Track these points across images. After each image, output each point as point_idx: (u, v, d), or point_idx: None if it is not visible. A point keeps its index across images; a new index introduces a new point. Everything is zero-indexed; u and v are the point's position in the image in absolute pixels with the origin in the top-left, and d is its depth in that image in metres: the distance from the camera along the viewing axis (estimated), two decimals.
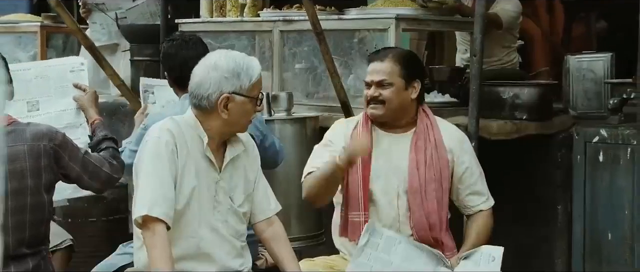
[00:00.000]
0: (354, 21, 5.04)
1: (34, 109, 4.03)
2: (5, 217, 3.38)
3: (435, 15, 5.09)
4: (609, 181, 4.63)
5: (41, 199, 3.48)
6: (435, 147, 3.74)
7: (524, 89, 4.89)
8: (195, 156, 3.29)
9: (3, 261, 3.37)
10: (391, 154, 3.75)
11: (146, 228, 3.17)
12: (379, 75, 3.73)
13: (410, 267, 3.56)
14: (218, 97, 3.24)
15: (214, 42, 5.51)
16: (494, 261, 3.58)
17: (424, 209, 3.69)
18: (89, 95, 4.05)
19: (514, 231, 5.04)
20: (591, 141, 4.74)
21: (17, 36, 7.52)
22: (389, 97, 3.71)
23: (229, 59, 3.28)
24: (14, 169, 3.40)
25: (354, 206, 3.71)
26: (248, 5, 5.55)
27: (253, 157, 3.48)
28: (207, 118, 3.29)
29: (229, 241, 3.37)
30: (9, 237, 3.39)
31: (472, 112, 4.55)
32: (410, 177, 3.69)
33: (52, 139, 3.49)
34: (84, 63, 4.18)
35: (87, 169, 3.57)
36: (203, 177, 3.30)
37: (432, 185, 3.70)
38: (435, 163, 3.72)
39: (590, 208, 4.75)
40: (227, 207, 3.36)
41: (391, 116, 3.76)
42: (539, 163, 5.01)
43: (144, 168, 3.23)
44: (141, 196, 3.19)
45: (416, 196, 3.69)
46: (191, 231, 3.29)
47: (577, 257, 4.82)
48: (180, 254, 3.26)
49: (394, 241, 3.61)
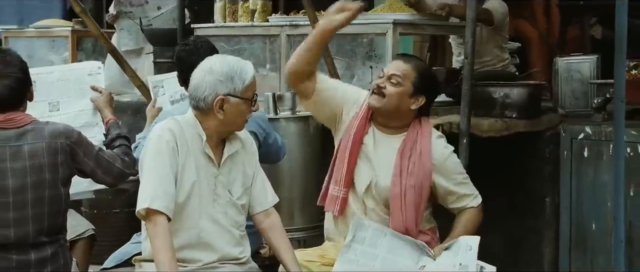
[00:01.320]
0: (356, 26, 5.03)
1: (54, 109, 4.15)
2: (26, 208, 3.48)
3: (431, 20, 5.13)
4: (593, 175, 4.67)
5: (58, 192, 3.55)
6: (419, 156, 3.72)
7: (513, 89, 4.92)
8: (195, 152, 3.35)
9: (24, 248, 3.49)
10: (378, 152, 3.77)
11: (148, 220, 3.24)
12: (396, 70, 3.74)
13: (395, 258, 3.61)
14: (214, 99, 3.31)
15: (226, 45, 5.59)
16: (471, 250, 3.60)
17: (402, 213, 3.70)
18: (104, 96, 4.15)
19: (506, 223, 5.11)
20: (577, 137, 4.79)
21: (50, 40, 7.70)
22: (391, 93, 3.70)
23: (223, 63, 3.35)
24: (33, 164, 3.48)
25: (336, 180, 3.75)
26: (258, 11, 5.61)
27: (251, 153, 3.55)
28: (205, 118, 3.36)
29: (228, 230, 3.43)
30: (29, 227, 3.48)
31: (463, 110, 4.58)
32: (393, 182, 3.69)
33: (69, 136, 3.56)
34: (101, 67, 4.29)
35: (100, 164, 3.65)
36: (203, 172, 3.36)
37: (411, 191, 3.69)
38: (417, 172, 3.70)
39: (575, 201, 4.79)
40: (227, 199, 3.43)
41: (385, 113, 3.75)
42: (528, 158, 5.03)
43: (146, 164, 3.31)
44: (143, 190, 3.27)
45: (397, 200, 3.70)
46: (192, 222, 3.35)
47: (564, 246, 4.87)
48: (183, 243, 3.33)
49: (380, 234, 3.65)
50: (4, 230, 3.46)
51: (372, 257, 3.60)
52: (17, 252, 3.48)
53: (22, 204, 3.47)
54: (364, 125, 3.78)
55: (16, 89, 3.54)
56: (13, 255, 3.48)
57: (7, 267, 3.46)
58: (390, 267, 3.59)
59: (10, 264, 3.47)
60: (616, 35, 4.03)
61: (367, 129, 3.79)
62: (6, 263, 3.46)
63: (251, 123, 4.03)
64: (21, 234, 3.48)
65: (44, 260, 3.52)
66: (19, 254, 3.48)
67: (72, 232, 4.41)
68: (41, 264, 3.51)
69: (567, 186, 4.82)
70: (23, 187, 3.47)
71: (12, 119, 3.51)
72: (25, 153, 3.48)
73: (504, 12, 5.91)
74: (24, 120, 3.53)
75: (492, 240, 5.12)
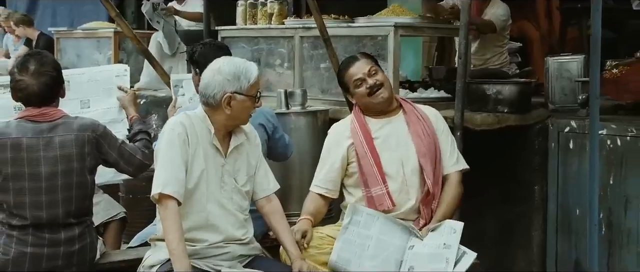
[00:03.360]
0: (361, 28, 5.16)
1: (85, 106, 4.26)
2: (56, 193, 3.63)
3: (429, 23, 5.19)
4: (577, 165, 4.73)
5: (85, 179, 3.70)
6: (424, 121, 3.90)
7: (505, 86, 4.96)
8: (204, 144, 3.44)
9: (55, 228, 3.65)
10: (389, 133, 3.88)
11: (160, 204, 3.33)
12: (365, 66, 3.88)
13: (387, 239, 3.71)
14: (222, 96, 3.40)
15: (246, 45, 5.73)
16: (454, 232, 3.68)
17: (433, 168, 3.82)
18: (129, 96, 4.27)
19: (499, 208, 5.18)
20: (563, 130, 4.85)
21: (96, 40, 7.89)
22: (383, 79, 3.88)
23: (230, 64, 3.44)
24: (63, 154, 3.63)
25: (373, 183, 3.82)
26: (275, 15, 5.72)
27: (255, 145, 3.65)
28: (213, 113, 3.45)
29: (233, 214, 3.51)
30: (59, 209, 3.64)
31: (457, 106, 4.66)
32: (418, 146, 3.82)
33: (95, 130, 3.71)
34: (127, 70, 4.38)
35: (123, 156, 3.79)
36: (211, 161, 3.45)
37: (432, 146, 3.84)
38: (428, 131, 3.87)
39: (562, 189, 4.86)
40: (232, 186, 3.51)
41: (391, 96, 3.91)
42: (519, 150, 5.07)
43: (160, 154, 3.41)
44: (157, 177, 3.35)
45: (427, 159, 3.81)
46: (201, 206, 3.43)
47: (551, 229, 4.95)
48: (192, 225, 3.42)
49: (373, 218, 3.75)
50: (37, 211, 3.62)
51: (367, 238, 3.71)
52: (49, 232, 3.64)
53: (53, 189, 3.63)
54: (364, 126, 3.90)
55: (51, 86, 3.69)
56: (46, 234, 3.64)
57: (41, 245, 3.63)
58: (383, 247, 3.70)
59: (43, 242, 3.63)
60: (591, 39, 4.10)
61: (369, 128, 3.90)
62: (40, 241, 3.63)
63: (261, 117, 4.16)
64: (52, 215, 3.63)
65: (73, 238, 3.68)
66: (51, 233, 3.64)
67: (106, 214, 4.57)
68: (70, 242, 3.67)
69: (554, 175, 4.89)
70: (54, 174, 3.62)
71: (45, 114, 3.67)
72: (56, 144, 3.63)
73: (505, 18, 5.94)
74: (56, 114, 3.69)
75: (487, 224, 5.23)
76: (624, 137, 4.52)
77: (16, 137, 3.61)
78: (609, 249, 4.63)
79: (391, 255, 3.68)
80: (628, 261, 4.55)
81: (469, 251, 3.66)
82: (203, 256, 3.45)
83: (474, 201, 4.95)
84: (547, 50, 6.78)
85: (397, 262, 3.67)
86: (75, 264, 3.69)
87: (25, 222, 3.62)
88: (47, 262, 3.63)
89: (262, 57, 5.73)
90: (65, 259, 3.66)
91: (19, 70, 3.67)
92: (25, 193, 3.61)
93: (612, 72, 4.74)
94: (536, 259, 5.02)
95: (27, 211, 3.61)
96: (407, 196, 3.83)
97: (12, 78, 3.70)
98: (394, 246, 3.71)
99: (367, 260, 3.66)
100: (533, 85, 5.71)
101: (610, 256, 4.62)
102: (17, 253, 3.61)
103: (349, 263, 3.64)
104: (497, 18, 5.84)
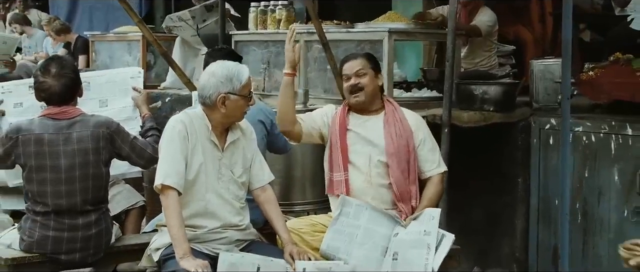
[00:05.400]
0: (359, 33, 5.24)
1: (103, 105, 4.37)
2: (74, 183, 3.77)
3: (422, 29, 5.26)
4: (557, 160, 4.81)
5: (100, 170, 3.83)
6: (401, 122, 3.97)
7: (491, 86, 5.06)
8: (202, 139, 3.54)
9: (74, 214, 3.77)
10: (366, 129, 3.98)
11: (163, 194, 3.44)
12: (356, 67, 3.98)
13: (375, 228, 3.80)
14: (217, 96, 3.50)
15: (257, 48, 5.82)
16: (433, 219, 3.75)
17: (401, 168, 3.90)
18: (142, 95, 4.38)
19: (485, 200, 5.28)
20: (544, 127, 4.93)
21: (126, 43, 8.00)
22: (366, 83, 3.96)
23: (223, 68, 3.54)
24: (80, 148, 3.77)
25: (336, 168, 3.95)
26: (283, 20, 5.82)
27: (251, 140, 3.75)
28: (210, 112, 3.55)
29: (230, 203, 3.61)
30: (77, 198, 3.77)
31: (445, 104, 4.73)
32: (387, 145, 3.92)
33: (109, 127, 3.84)
34: (141, 72, 4.49)
35: (134, 150, 3.90)
36: (209, 155, 3.55)
37: (403, 149, 3.92)
38: (402, 133, 3.95)
39: (542, 181, 4.95)
40: (229, 177, 3.61)
41: (368, 101, 3.99)
42: (504, 146, 5.15)
43: (162, 149, 3.54)
44: (159, 169, 3.47)
45: (393, 158, 3.91)
46: (200, 196, 3.54)
47: (533, 218, 5.05)
48: (192, 213, 3.53)
49: (362, 208, 3.84)
50: (58, 199, 3.77)
51: (356, 227, 3.80)
52: (69, 217, 3.78)
53: (71, 180, 3.77)
54: (344, 119, 4.00)
55: (70, 86, 3.83)
56: (66, 219, 3.78)
57: (61, 229, 3.78)
58: (370, 235, 3.79)
59: (63, 227, 3.78)
60: (562, 44, 4.18)
61: (348, 120, 4.00)
62: (60, 225, 3.78)
63: (260, 114, 4.27)
64: (71, 203, 3.78)
65: (90, 224, 3.81)
66: (70, 219, 3.78)
67: (127, 203, 4.69)
68: (87, 227, 3.81)
69: (536, 169, 4.98)
70: (72, 166, 3.76)
71: (65, 112, 3.82)
72: (74, 139, 3.77)
73: (492, 24, 5.99)
74: (74, 113, 3.84)
75: (474, 214, 5.31)
76: (598, 134, 4.60)
77: (39, 133, 3.75)
78: (584, 237, 4.70)
79: (378, 242, 3.76)
80: (600, 247, 4.63)
81: (447, 234, 3.72)
82: (203, 241, 3.56)
83: (463, 193, 5.06)
84: (541, 53, 6.80)
85: (383, 249, 3.75)
86: (92, 246, 3.82)
87: (47, 209, 3.76)
88: (67, 244, 3.77)
89: (271, 59, 5.84)
90: (83, 242, 3.79)
91: (42, 73, 3.82)
92: (47, 183, 3.75)
93: (588, 74, 4.79)
94: (519, 246, 5.12)
95: (48, 199, 3.75)
96: (370, 187, 3.91)
97: (36, 80, 3.85)
98: (380, 234, 3.79)
99: (356, 247, 3.74)
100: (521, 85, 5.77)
101: (585, 243, 4.70)
102: (40, 236, 3.76)
103: (338, 250, 3.72)
104: (483, 24, 5.90)
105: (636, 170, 4.44)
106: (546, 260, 4.89)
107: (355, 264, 3.67)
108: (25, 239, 3.78)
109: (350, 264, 3.66)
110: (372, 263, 3.70)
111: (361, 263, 3.69)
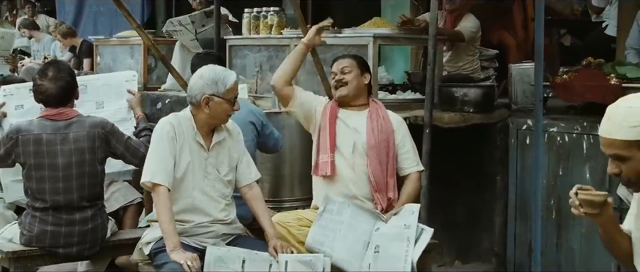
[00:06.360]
0: (346, 38, 5.32)
1: (100, 107, 4.43)
2: (71, 180, 3.86)
3: (406, 34, 5.33)
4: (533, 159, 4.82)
5: (96, 169, 3.93)
6: (383, 120, 4.10)
7: (470, 89, 5.13)
8: (189, 140, 3.63)
9: (71, 210, 3.87)
10: (352, 121, 4.10)
11: (153, 190, 3.54)
12: (343, 64, 4.14)
13: (357, 223, 3.88)
14: (201, 97, 3.59)
15: (250, 52, 5.90)
16: (413, 214, 3.84)
17: (379, 160, 4.01)
18: (136, 97, 4.46)
19: (466, 197, 5.35)
20: (521, 128, 5.00)
21: (129, 47, 8.08)
22: (350, 79, 4.11)
23: (210, 71, 3.63)
24: (77, 147, 3.86)
25: (323, 150, 4.05)
26: (274, 26, 5.89)
27: (237, 140, 3.82)
28: (197, 113, 3.64)
29: (216, 200, 3.69)
30: (74, 194, 3.87)
31: (426, 106, 4.77)
32: (368, 137, 4.03)
33: (104, 127, 3.94)
34: (135, 75, 4.57)
35: (128, 149, 3.99)
36: (195, 155, 3.64)
37: (383, 143, 4.03)
38: (384, 130, 4.06)
39: (520, 179, 5.01)
40: (215, 176, 3.69)
41: (352, 95, 4.12)
42: (484, 145, 5.22)
43: (151, 148, 3.64)
44: (147, 167, 3.58)
45: (373, 150, 4.01)
46: (188, 193, 3.63)
47: (511, 214, 5.11)
48: (181, 208, 3.63)
49: (344, 205, 3.92)
50: (56, 196, 3.87)
51: (339, 223, 3.88)
52: (66, 213, 3.88)
53: (69, 177, 3.86)
54: (335, 109, 4.13)
55: (66, 89, 3.93)
56: (63, 215, 3.88)
57: (59, 224, 3.88)
58: (353, 230, 3.87)
59: (61, 222, 3.88)
60: (535, 49, 4.25)
61: (338, 110, 4.14)
62: (58, 221, 3.88)
63: (250, 116, 4.35)
64: (68, 199, 3.87)
65: (86, 219, 3.91)
66: (67, 214, 3.88)
67: (125, 199, 4.81)
68: (84, 222, 3.90)
69: (513, 167, 5.05)
70: (69, 164, 3.86)
71: (62, 113, 3.92)
72: (71, 139, 3.87)
73: (475, 30, 6.05)
74: (70, 114, 3.93)
75: (456, 210, 5.40)
76: (571, 134, 4.67)
77: (38, 133, 3.85)
78: (558, 232, 4.78)
79: (360, 237, 3.83)
80: (573, 241, 4.71)
81: (426, 228, 3.81)
82: (191, 234, 3.65)
83: (444, 190, 5.14)
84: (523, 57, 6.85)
85: (365, 243, 3.82)
86: (89, 240, 3.92)
87: (45, 205, 3.86)
88: (65, 238, 3.87)
89: (263, 62, 5.92)
90: (80, 237, 3.88)
91: (40, 77, 3.92)
92: (45, 181, 3.85)
93: (562, 78, 4.86)
94: (498, 241, 5.19)
95: (47, 195, 3.85)
96: (353, 173, 4.01)
97: (34, 83, 3.95)
98: (362, 229, 3.86)
99: (339, 241, 3.81)
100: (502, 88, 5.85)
101: (559, 238, 4.78)
102: (39, 231, 3.86)
103: (322, 244, 3.80)
104: (466, 30, 5.97)
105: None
106: (523, 254, 4.96)
107: (339, 257, 3.75)
108: (25, 233, 3.88)
109: (334, 257, 3.73)
110: (355, 256, 3.78)
111: (344, 256, 3.77)
